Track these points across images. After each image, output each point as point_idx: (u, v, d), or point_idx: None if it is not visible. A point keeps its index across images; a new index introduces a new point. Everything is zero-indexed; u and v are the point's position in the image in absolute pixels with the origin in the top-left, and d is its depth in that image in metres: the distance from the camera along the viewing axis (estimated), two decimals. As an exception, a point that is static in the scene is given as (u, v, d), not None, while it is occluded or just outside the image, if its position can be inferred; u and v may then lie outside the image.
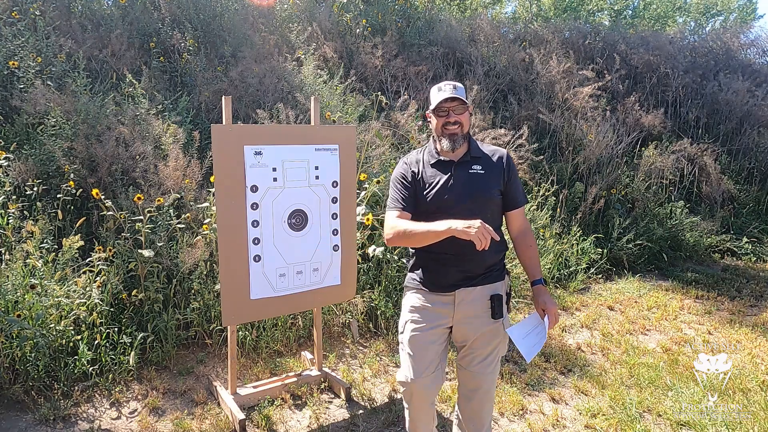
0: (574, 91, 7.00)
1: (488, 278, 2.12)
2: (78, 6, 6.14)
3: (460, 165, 2.12)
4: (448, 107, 2.09)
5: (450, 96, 2.06)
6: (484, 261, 2.09)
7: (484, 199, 2.10)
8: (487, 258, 2.08)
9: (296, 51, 6.55)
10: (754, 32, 10.90)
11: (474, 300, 2.10)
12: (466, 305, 2.10)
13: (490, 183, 2.12)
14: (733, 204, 7.01)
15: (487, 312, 2.09)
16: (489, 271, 2.12)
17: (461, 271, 2.09)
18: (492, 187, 2.12)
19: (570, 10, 14.09)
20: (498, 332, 2.11)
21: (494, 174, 2.13)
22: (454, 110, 2.09)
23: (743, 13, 17.51)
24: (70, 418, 2.78)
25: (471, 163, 2.13)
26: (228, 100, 2.67)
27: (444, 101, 2.08)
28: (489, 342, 2.11)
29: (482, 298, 2.10)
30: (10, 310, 3.00)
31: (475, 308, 2.10)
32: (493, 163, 2.15)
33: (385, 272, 4.05)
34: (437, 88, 2.13)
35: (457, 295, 2.10)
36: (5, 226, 3.41)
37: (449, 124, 2.09)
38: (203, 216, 3.86)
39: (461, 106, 2.09)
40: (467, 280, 2.09)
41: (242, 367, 3.34)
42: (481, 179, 2.11)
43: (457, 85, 2.11)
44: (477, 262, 2.08)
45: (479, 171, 2.12)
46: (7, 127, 4.42)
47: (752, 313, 4.57)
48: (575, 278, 5.12)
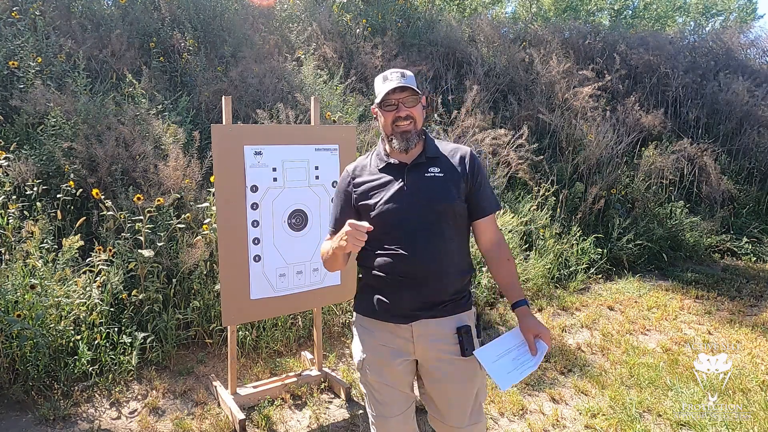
0: (574, 91, 7.00)
1: (451, 308, 1.74)
2: (78, 6, 6.14)
3: (414, 168, 1.76)
4: (396, 99, 1.72)
5: (398, 85, 1.70)
6: (446, 286, 1.73)
7: (442, 208, 1.72)
8: (449, 282, 1.73)
9: (296, 51, 6.55)
10: (754, 32, 10.91)
11: (436, 334, 1.73)
12: (427, 341, 1.73)
13: (450, 188, 1.74)
14: (733, 204, 7.01)
15: (455, 348, 1.73)
16: (453, 299, 1.75)
17: (419, 296, 1.71)
18: (453, 193, 1.74)
19: (570, 10, 14.10)
20: (473, 373, 1.75)
21: (455, 177, 1.76)
22: (404, 102, 1.72)
23: (743, 13, 17.52)
24: (70, 418, 2.78)
25: (427, 165, 1.77)
26: (228, 100, 2.67)
27: (391, 92, 1.71)
28: (464, 388, 1.75)
29: (446, 332, 1.73)
30: (10, 310, 3.00)
31: (439, 345, 1.73)
32: (454, 164, 1.79)
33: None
34: (382, 78, 1.75)
35: (414, 329, 1.73)
36: (5, 226, 3.41)
37: (400, 119, 1.72)
38: (203, 216, 3.86)
39: (412, 97, 1.73)
40: (426, 310, 1.72)
41: (242, 367, 3.34)
42: (439, 184, 1.74)
43: (405, 72, 1.75)
44: (438, 287, 1.72)
45: (437, 174, 1.75)
46: (7, 127, 4.42)
47: (752, 313, 4.57)
48: (575, 278, 5.12)
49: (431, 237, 1.71)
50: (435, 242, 1.71)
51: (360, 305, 1.86)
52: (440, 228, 1.72)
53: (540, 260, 4.97)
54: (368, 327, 1.82)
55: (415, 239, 1.71)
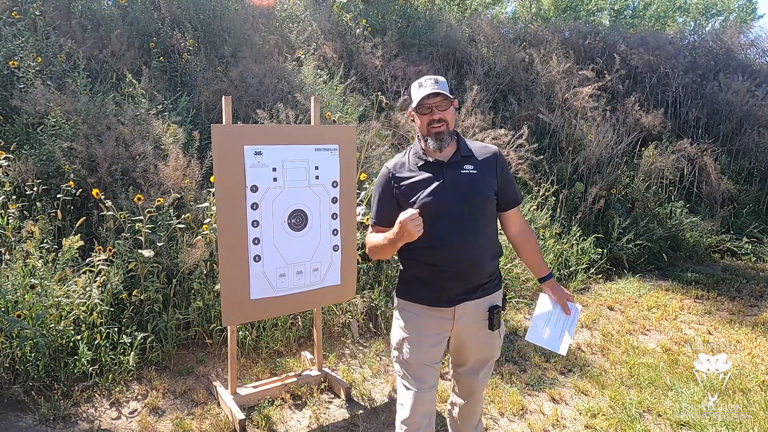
0: (574, 91, 7.00)
1: (488, 289, 2.03)
2: (78, 6, 6.13)
3: (451, 166, 1.98)
4: (430, 104, 1.94)
5: (432, 92, 1.91)
6: (483, 269, 1.99)
7: (479, 201, 1.96)
8: (486, 267, 2.00)
9: (296, 51, 6.55)
10: (754, 32, 10.89)
11: (473, 313, 2.01)
12: (466, 319, 2.01)
13: (485, 183, 1.99)
14: (733, 204, 7.01)
15: (484, 323, 2.02)
16: (488, 281, 2.02)
17: (462, 284, 1.97)
18: (487, 188, 1.99)
19: (570, 10, 14.09)
20: (494, 341, 2.09)
21: (488, 173, 2.00)
22: (437, 107, 1.94)
23: (743, 13, 17.52)
24: (70, 418, 2.78)
25: (462, 163, 1.99)
26: (228, 100, 2.67)
27: (426, 97, 1.93)
28: (484, 351, 2.08)
29: (481, 310, 2.02)
30: (10, 310, 3.00)
31: (475, 320, 2.02)
32: (485, 161, 2.02)
33: (385, 272, 4.05)
34: (418, 84, 1.98)
35: (457, 310, 1.99)
36: (5, 226, 3.41)
37: (434, 122, 1.94)
38: (203, 216, 3.86)
39: (444, 101, 1.94)
40: (467, 294, 1.98)
41: (242, 367, 3.34)
42: (474, 180, 1.97)
43: (438, 78, 1.96)
44: (477, 272, 1.98)
45: (472, 171, 1.98)
46: (7, 127, 4.42)
47: (752, 313, 4.57)
48: (575, 278, 5.12)
49: (470, 228, 1.94)
50: (474, 232, 1.95)
51: (404, 292, 2.08)
52: (477, 219, 1.96)
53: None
54: (412, 311, 2.05)
55: (456, 230, 1.93)
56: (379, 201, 2.07)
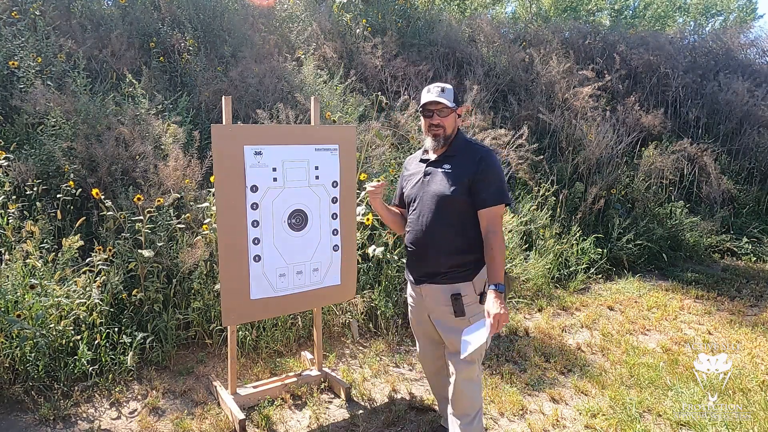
0: (574, 91, 7.00)
1: (450, 278, 2.19)
2: (78, 6, 6.13)
3: (434, 163, 2.26)
4: (433, 109, 2.18)
5: (433, 99, 2.16)
6: (439, 260, 2.20)
7: (442, 199, 2.17)
8: (443, 257, 2.19)
9: (296, 51, 6.55)
10: (754, 32, 10.92)
11: (436, 296, 2.24)
12: (430, 300, 2.28)
13: (453, 182, 2.16)
14: (733, 204, 7.01)
15: (450, 309, 2.20)
16: (451, 270, 2.19)
17: (423, 266, 2.26)
18: (454, 187, 2.16)
19: (570, 10, 14.09)
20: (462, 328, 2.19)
21: (462, 173, 2.16)
22: (438, 113, 2.18)
23: (743, 13, 17.52)
24: (70, 418, 2.78)
25: (443, 162, 2.23)
26: (228, 100, 2.67)
27: (429, 103, 2.18)
28: (455, 335, 2.19)
29: (444, 296, 2.21)
30: (10, 310, 3.00)
31: (438, 304, 2.25)
32: (467, 161, 2.18)
33: (385, 272, 4.05)
34: (426, 89, 2.22)
35: (423, 290, 2.30)
36: (5, 226, 3.41)
37: (432, 126, 2.20)
38: (203, 216, 3.86)
39: (445, 109, 2.18)
40: (428, 277, 2.25)
41: (242, 367, 3.34)
42: (445, 178, 2.19)
43: (446, 87, 2.19)
44: (433, 261, 2.22)
45: (447, 170, 2.20)
46: (7, 127, 4.43)
47: (752, 313, 4.57)
48: (575, 278, 5.12)
49: (431, 221, 2.20)
50: (433, 224, 2.20)
51: None
52: (438, 214, 2.17)
53: (540, 260, 4.97)
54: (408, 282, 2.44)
55: (420, 221, 2.24)
56: (400, 182, 2.48)
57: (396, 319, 3.93)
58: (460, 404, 2.30)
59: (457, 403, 2.30)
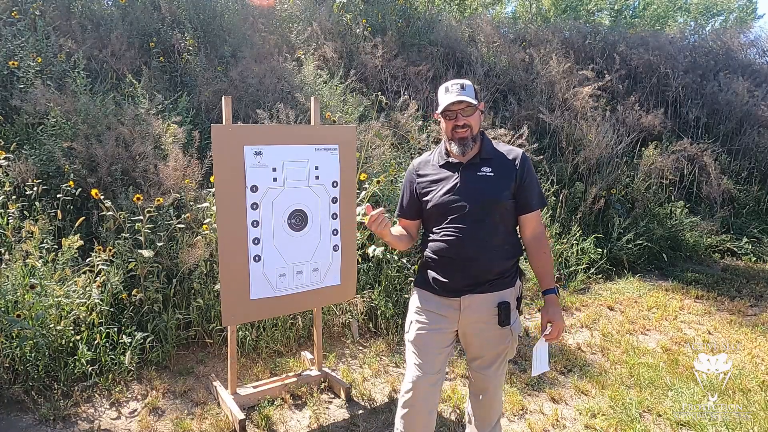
0: (574, 91, 7.00)
1: (496, 285, 2.05)
2: (78, 6, 6.13)
3: (468, 167, 2.06)
4: (456, 110, 2.01)
5: (457, 99, 1.98)
6: (491, 267, 2.03)
7: (490, 203, 2.01)
8: (494, 264, 2.03)
9: (296, 51, 6.55)
10: (754, 32, 10.91)
11: (480, 306, 2.05)
12: (472, 311, 2.05)
13: (499, 186, 2.03)
14: (733, 204, 7.00)
15: (494, 318, 2.04)
16: (498, 278, 2.05)
17: (468, 276, 2.03)
18: (501, 191, 2.02)
19: (570, 10, 14.09)
20: (505, 338, 2.08)
21: (505, 176, 2.04)
22: (462, 112, 2.01)
23: (743, 13, 17.51)
24: (70, 418, 2.78)
25: (480, 165, 2.05)
26: (228, 100, 2.67)
27: (452, 104, 2.00)
28: (495, 347, 2.08)
29: (489, 305, 2.04)
30: (10, 310, 3.00)
31: (481, 315, 2.05)
32: (505, 164, 2.06)
33: (385, 272, 4.05)
34: (444, 89, 2.04)
35: (463, 301, 2.05)
36: (5, 226, 3.41)
37: (458, 127, 2.02)
38: (203, 216, 3.86)
39: (469, 107, 2.01)
40: (473, 287, 2.03)
41: (242, 367, 3.34)
42: (489, 182, 2.03)
43: (465, 84, 2.03)
44: (482, 268, 2.02)
45: (488, 174, 2.04)
46: (7, 127, 4.42)
47: (752, 313, 4.57)
48: (575, 278, 5.12)
49: (479, 226, 2.01)
50: (482, 231, 2.01)
51: (419, 280, 2.20)
52: (487, 219, 2.01)
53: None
54: (423, 297, 2.15)
55: (465, 227, 2.02)
56: (403, 195, 2.24)
57: (396, 319, 3.93)
58: (490, 415, 2.20)
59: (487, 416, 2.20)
